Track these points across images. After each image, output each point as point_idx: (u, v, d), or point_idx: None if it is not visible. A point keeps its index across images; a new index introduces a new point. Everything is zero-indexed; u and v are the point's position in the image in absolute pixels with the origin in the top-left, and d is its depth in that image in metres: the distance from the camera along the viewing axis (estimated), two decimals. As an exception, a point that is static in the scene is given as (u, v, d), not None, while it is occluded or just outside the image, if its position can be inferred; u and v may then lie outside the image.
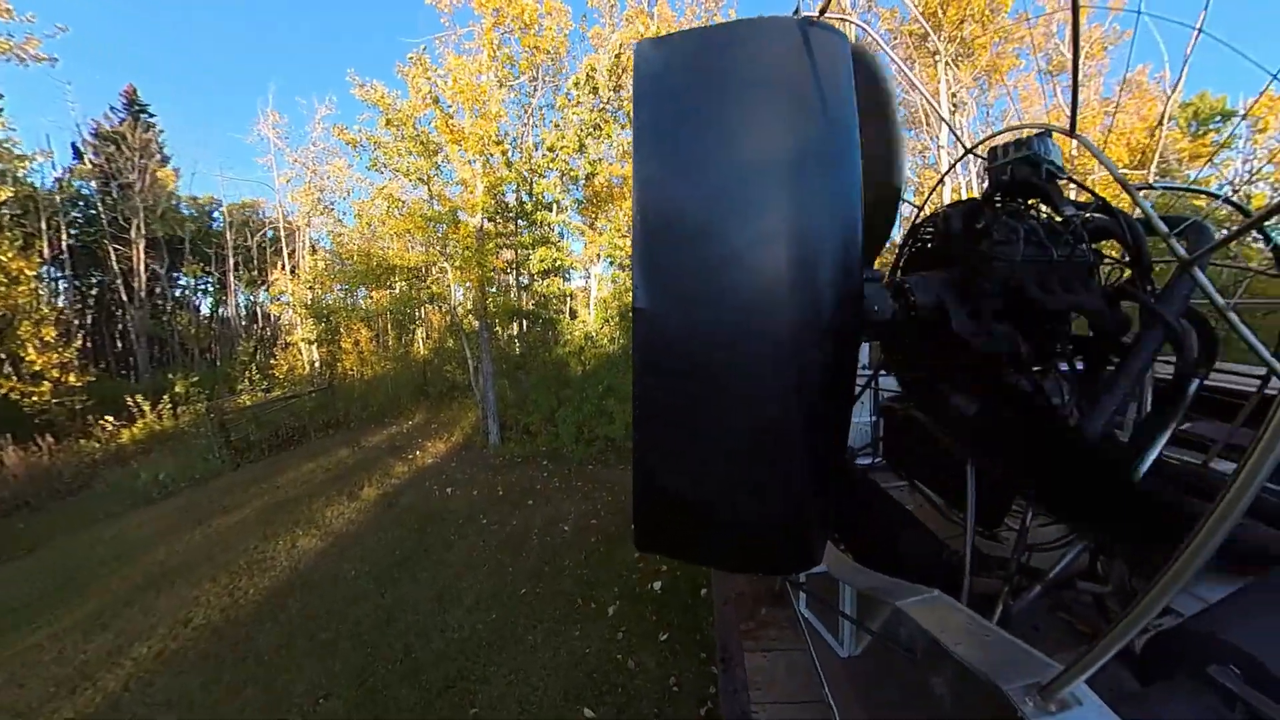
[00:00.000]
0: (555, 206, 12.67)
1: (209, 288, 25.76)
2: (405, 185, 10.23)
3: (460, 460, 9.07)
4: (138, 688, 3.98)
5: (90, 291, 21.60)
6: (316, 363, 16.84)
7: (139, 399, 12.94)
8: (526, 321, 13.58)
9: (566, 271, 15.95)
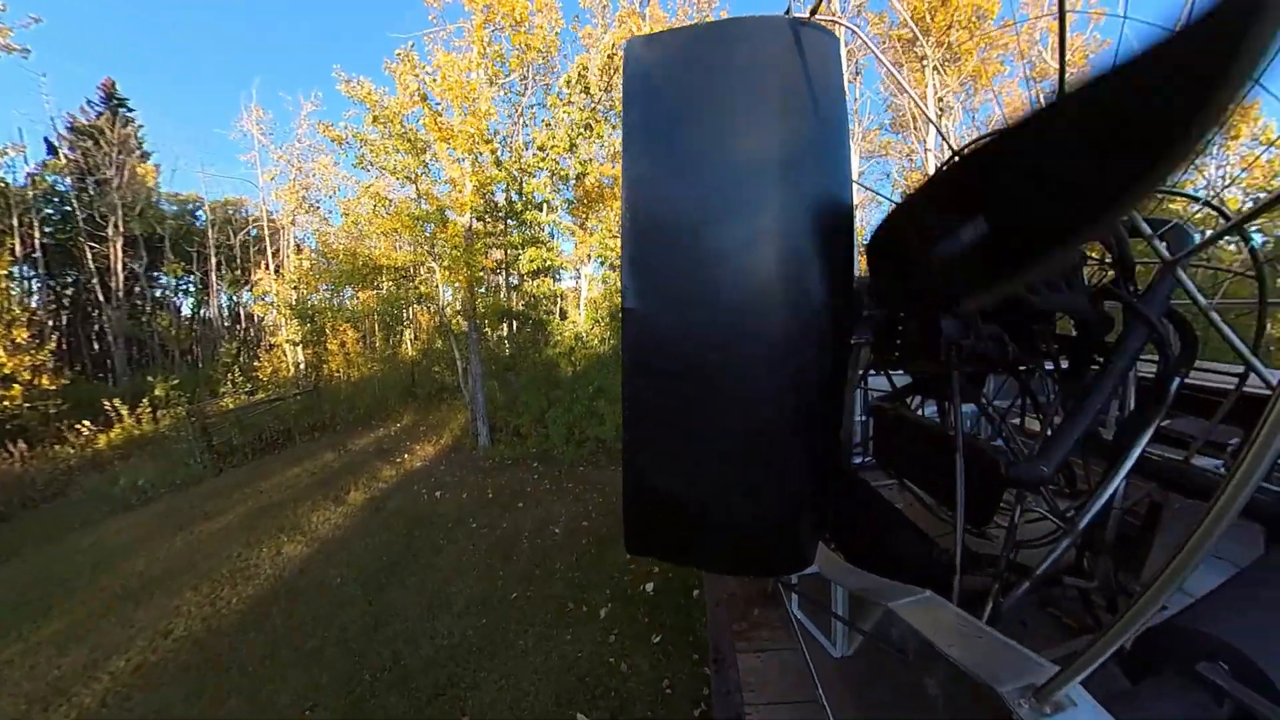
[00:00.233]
0: (545, 206, 12.58)
1: (190, 288, 25.15)
2: (392, 184, 10.13)
3: (449, 463, 8.97)
4: (115, 703, 3.86)
5: (65, 291, 20.95)
6: (301, 364, 16.55)
7: (117, 402, 12.57)
8: (516, 322, 13.49)
9: (557, 272, 15.87)
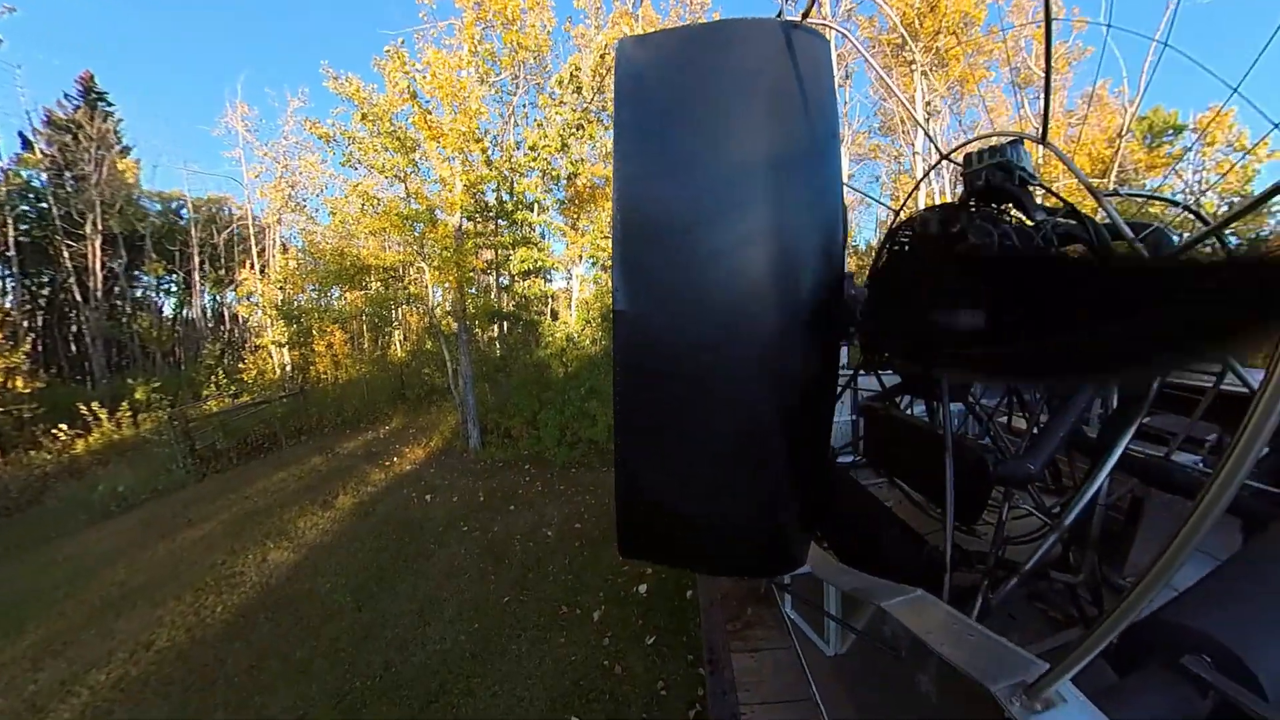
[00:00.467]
0: (537, 206, 12.52)
1: (172, 287, 24.61)
2: (381, 182, 9.99)
3: (440, 466, 8.87)
4: (95, 719, 3.76)
5: (41, 291, 20.37)
6: (288, 366, 16.26)
7: (95, 406, 12.24)
8: (507, 323, 13.39)
9: (548, 272, 15.79)
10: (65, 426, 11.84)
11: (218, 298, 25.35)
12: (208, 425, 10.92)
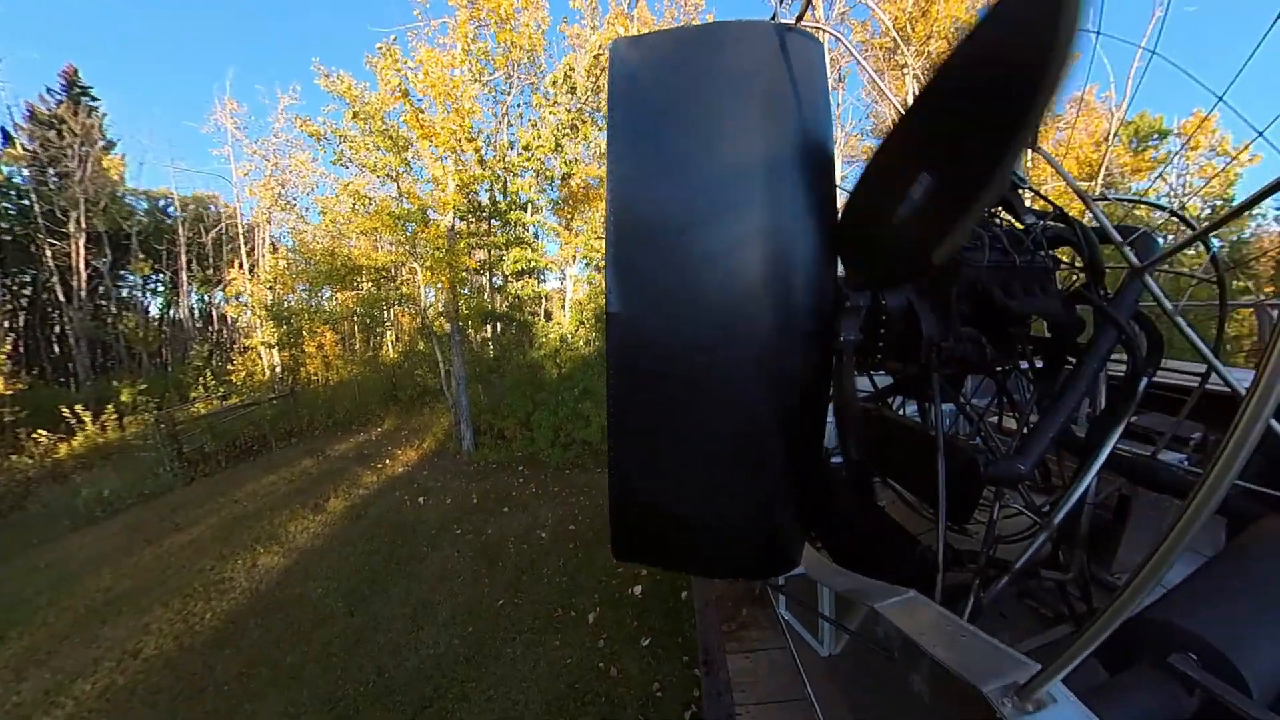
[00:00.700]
0: (530, 207, 12.49)
1: (159, 287, 24.22)
2: (373, 181, 9.92)
3: (433, 468, 8.82)
4: (80, 727, 3.69)
5: (22, 291, 19.96)
6: (278, 368, 16.08)
7: (79, 409, 12.01)
8: (500, 324, 13.34)
9: (541, 273, 15.76)
10: (47, 430, 11.62)
11: (206, 298, 25.00)
12: (196, 428, 10.77)
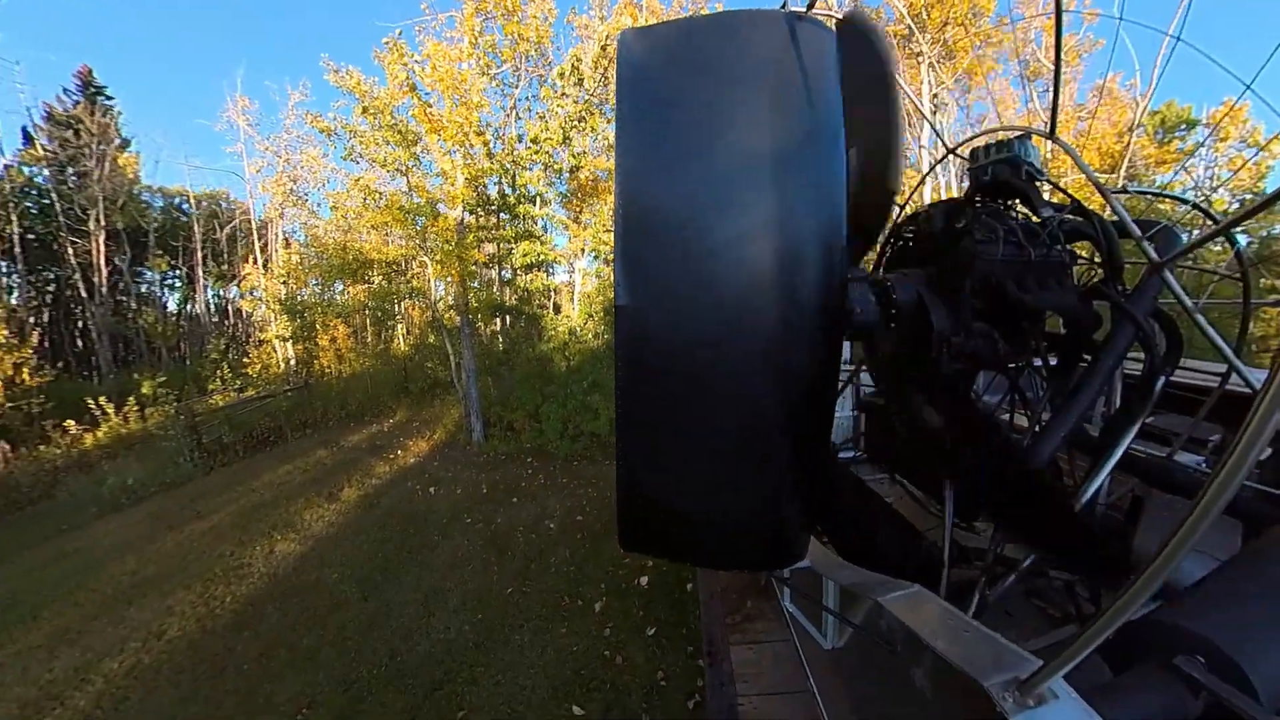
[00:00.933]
0: (539, 200, 12.48)
1: (176, 283, 24.70)
2: (383, 176, 9.97)
3: (443, 458, 8.94)
4: (109, 705, 3.84)
5: (46, 287, 20.48)
6: (292, 361, 16.35)
7: (103, 401, 12.36)
8: (509, 317, 13.41)
9: (550, 266, 15.77)
10: (73, 421, 11.98)
11: (221, 293, 25.46)
12: (214, 419, 11.02)
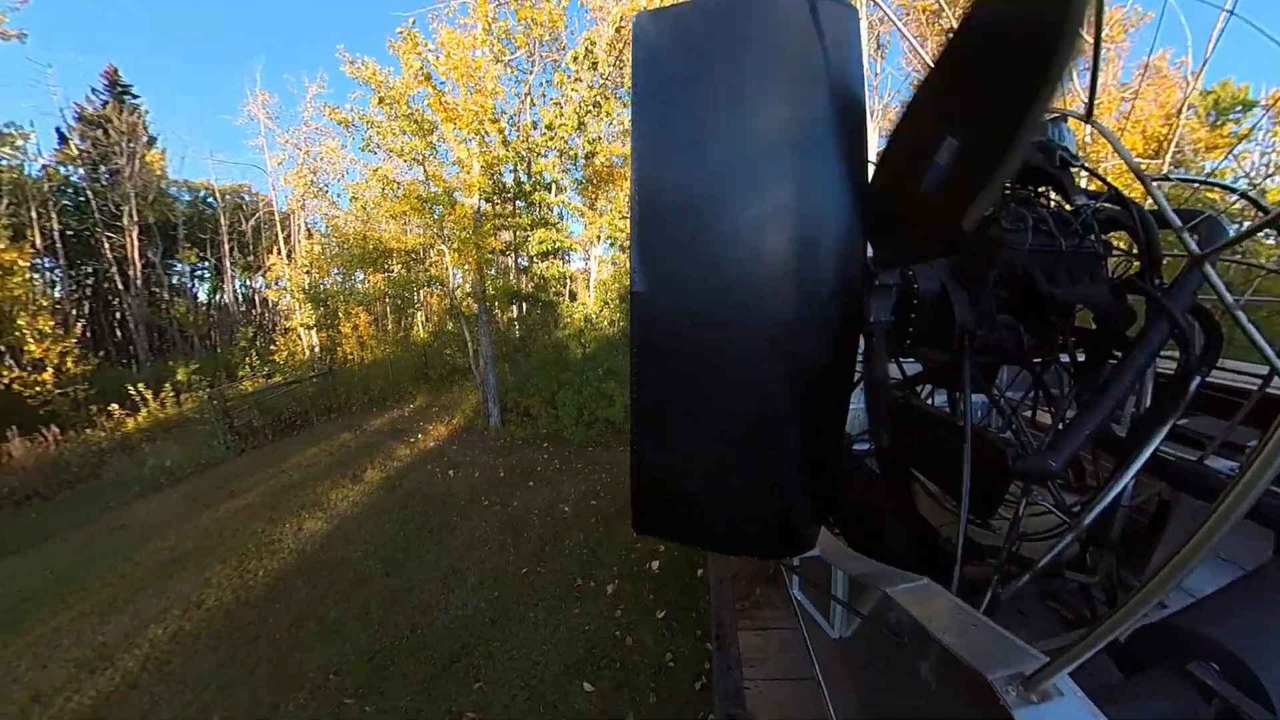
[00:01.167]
0: (554, 187, 12.45)
1: (205, 274, 25.60)
2: (400, 166, 10.08)
3: (461, 443, 9.16)
4: (155, 667, 4.12)
5: (86, 281, 21.46)
6: (316, 347, 16.83)
7: (141, 387, 12.97)
8: (526, 304, 13.51)
9: (566, 253, 15.79)
10: (116, 406, 12.64)
11: (248, 283, 26.26)
12: (244, 404, 11.48)
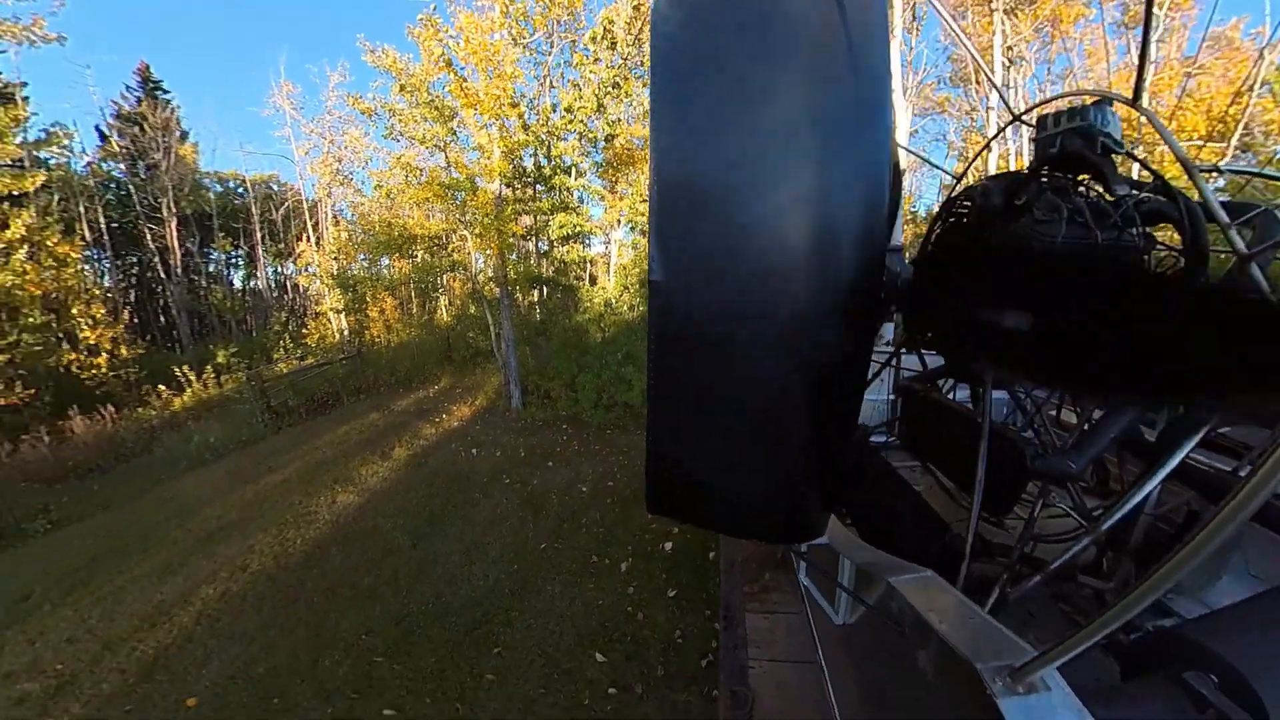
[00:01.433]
0: (574, 170, 12.41)
1: (239, 262, 26.65)
2: (422, 153, 10.21)
3: (484, 423, 9.43)
4: (206, 623, 4.50)
5: (131, 270, 22.67)
6: (345, 331, 17.42)
7: (185, 369, 13.76)
8: (546, 288, 13.64)
9: (586, 237, 15.80)
10: (164, 387, 13.46)
11: (280, 269, 27.22)
12: (280, 385, 12.07)
